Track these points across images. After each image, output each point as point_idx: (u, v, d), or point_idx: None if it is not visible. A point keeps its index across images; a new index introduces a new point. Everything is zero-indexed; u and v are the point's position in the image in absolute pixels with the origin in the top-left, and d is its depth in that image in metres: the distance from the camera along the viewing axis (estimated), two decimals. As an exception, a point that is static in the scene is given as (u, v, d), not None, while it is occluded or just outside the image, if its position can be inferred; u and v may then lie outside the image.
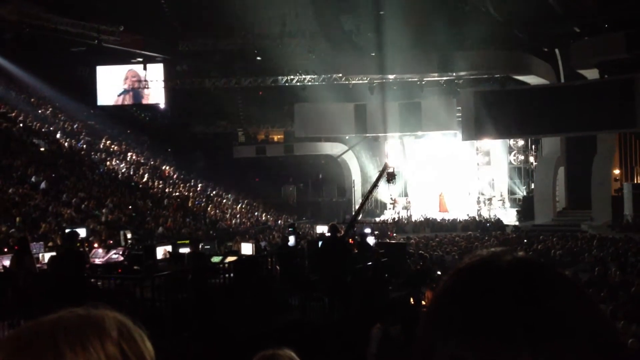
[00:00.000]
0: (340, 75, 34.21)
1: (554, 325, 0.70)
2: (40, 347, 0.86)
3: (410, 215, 35.48)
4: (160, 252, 12.54)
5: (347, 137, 38.56)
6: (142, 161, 33.57)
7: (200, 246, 12.57)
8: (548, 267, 0.77)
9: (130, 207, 25.36)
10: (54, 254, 11.06)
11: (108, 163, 30.35)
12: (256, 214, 34.61)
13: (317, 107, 35.95)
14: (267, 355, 2.19)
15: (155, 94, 38.24)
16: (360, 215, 25.66)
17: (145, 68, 37.00)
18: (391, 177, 25.82)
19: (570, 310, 0.72)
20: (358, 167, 39.60)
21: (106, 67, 37.42)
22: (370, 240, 15.56)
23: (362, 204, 23.91)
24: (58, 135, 29.82)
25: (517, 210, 35.42)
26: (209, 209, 30.75)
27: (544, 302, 0.71)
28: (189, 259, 11.15)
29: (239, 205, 34.64)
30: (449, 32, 30.49)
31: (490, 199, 35.85)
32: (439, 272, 16.12)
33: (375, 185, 24.10)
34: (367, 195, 25.14)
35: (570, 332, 0.70)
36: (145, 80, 37.20)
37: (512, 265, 0.76)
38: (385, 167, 25.70)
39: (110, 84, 37.75)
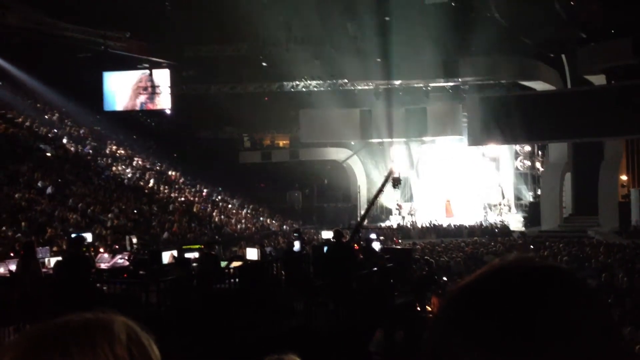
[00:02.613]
0: (346, 80, 34.23)
1: (562, 336, 0.69)
2: (49, 348, 0.86)
3: (416, 221, 35.40)
4: (166, 257, 12.55)
5: (352, 143, 38.57)
6: (148, 166, 33.66)
7: (216, 249, 12.64)
8: (564, 274, 0.76)
9: (135, 211, 25.42)
10: (59, 258, 11.09)
11: (114, 168, 30.44)
12: (261, 219, 34.62)
13: (323, 112, 35.98)
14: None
15: (162, 100, 38.36)
16: (366, 221, 25.64)
17: (151, 74, 37.14)
18: (396, 182, 25.85)
19: (582, 321, 0.71)
20: (363, 173, 39.58)
21: (113, 73, 37.58)
22: (376, 246, 15.54)
23: (368, 210, 23.91)
24: (64, 141, 29.94)
25: (523, 216, 35.30)
26: (214, 214, 30.78)
27: (555, 311, 0.71)
28: (202, 260, 11.19)
29: (244, 211, 34.67)
30: (454, 37, 30.49)
31: (496, 205, 35.76)
32: (444, 278, 16.07)
33: (380, 190, 24.06)
34: (373, 201, 25.13)
35: (579, 344, 0.69)
36: (155, 86, 37.33)
37: (525, 273, 0.75)
38: (391, 172, 25.73)
39: (118, 89, 37.90)
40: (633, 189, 31.59)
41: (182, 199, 31.01)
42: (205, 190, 34.56)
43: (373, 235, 18.23)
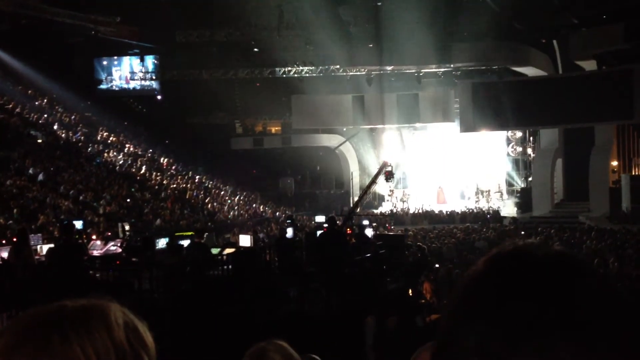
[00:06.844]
0: (338, 66, 34.12)
1: (588, 320, 0.69)
2: (47, 330, 0.86)
3: (408, 208, 35.49)
4: (159, 244, 12.54)
5: (344, 129, 38.50)
6: (139, 153, 33.51)
7: (205, 236, 12.62)
8: (583, 262, 0.76)
9: (128, 200, 25.36)
10: (52, 245, 11.06)
11: (105, 155, 30.30)
12: (254, 205, 34.61)
13: (315, 98, 35.89)
14: (259, 347, 2.20)
15: (153, 85, 38.15)
16: (358, 209, 25.69)
17: (142, 59, 36.89)
18: (389, 176, 25.85)
19: (603, 305, 0.71)
20: (356, 159, 39.57)
21: (103, 59, 37.33)
22: (369, 232, 15.59)
23: (360, 198, 23.93)
24: (55, 127, 29.75)
25: (515, 202, 35.44)
26: (207, 200, 30.74)
27: (579, 296, 0.70)
28: (190, 249, 11.18)
29: (237, 197, 34.63)
30: (447, 23, 30.40)
31: (488, 191, 35.88)
32: (437, 265, 16.17)
33: (373, 181, 24.12)
34: (365, 190, 25.17)
35: (603, 328, 0.69)
36: (145, 72, 37.11)
37: (548, 258, 0.74)
38: (384, 165, 25.69)
39: (108, 75, 37.67)
40: (624, 174, 31.76)
41: (174, 185, 30.93)
42: (197, 177, 34.45)
43: (366, 222, 18.26)
